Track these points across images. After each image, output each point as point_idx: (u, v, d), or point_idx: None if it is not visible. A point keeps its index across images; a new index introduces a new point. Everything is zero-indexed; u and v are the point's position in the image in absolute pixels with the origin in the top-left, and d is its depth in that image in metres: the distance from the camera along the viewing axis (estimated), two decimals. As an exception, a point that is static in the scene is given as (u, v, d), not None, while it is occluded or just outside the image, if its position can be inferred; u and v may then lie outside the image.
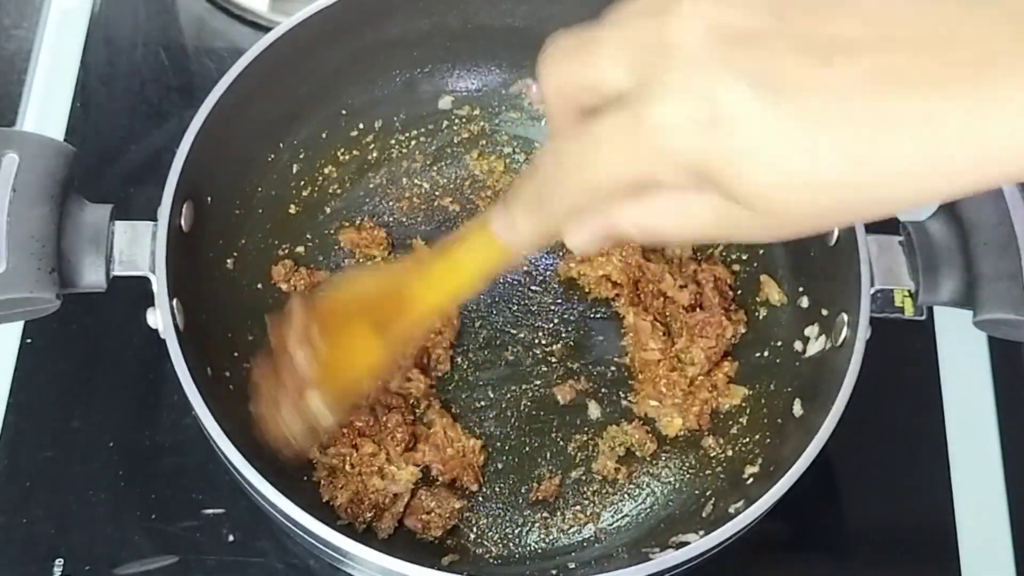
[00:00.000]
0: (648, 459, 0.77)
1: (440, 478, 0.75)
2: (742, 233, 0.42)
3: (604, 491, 0.76)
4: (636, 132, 0.40)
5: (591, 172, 0.43)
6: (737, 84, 0.37)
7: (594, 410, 0.79)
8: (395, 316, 0.63)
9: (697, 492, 0.75)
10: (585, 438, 0.78)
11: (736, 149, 0.37)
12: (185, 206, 0.68)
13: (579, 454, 0.78)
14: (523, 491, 0.76)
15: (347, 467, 0.73)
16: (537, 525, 0.75)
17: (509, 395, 0.79)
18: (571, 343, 0.81)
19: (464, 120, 0.88)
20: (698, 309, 0.78)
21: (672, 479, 0.77)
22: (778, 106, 0.37)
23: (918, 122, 0.36)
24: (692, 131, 0.38)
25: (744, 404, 0.78)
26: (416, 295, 0.61)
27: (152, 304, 0.63)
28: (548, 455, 0.78)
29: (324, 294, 0.72)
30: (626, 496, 0.76)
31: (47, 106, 0.93)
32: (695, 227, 0.43)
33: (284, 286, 0.80)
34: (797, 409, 0.72)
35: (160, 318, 0.63)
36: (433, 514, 0.73)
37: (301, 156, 0.83)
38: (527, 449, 0.78)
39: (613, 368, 0.80)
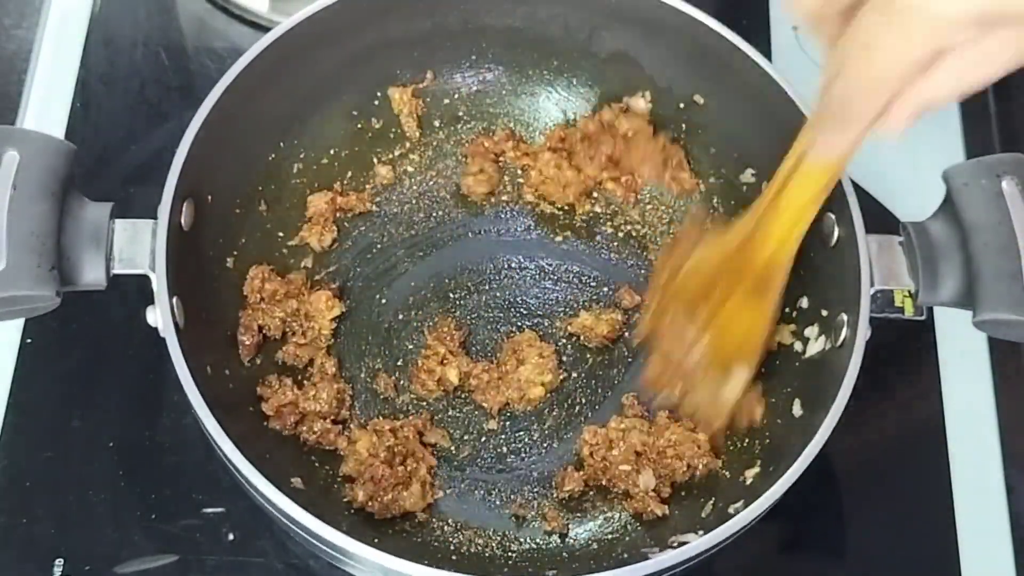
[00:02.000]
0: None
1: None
2: None
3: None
4: (902, 14, 0.41)
5: (880, 68, 0.44)
6: None
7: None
8: (752, 270, 0.68)
9: (697, 492, 0.75)
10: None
11: None
12: (185, 205, 0.68)
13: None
14: (525, 491, 0.76)
15: None
16: (537, 528, 0.75)
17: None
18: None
19: (464, 120, 0.88)
20: None
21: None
22: None
23: None
24: None
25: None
26: (763, 242, 0.66)
27: (152, 303, 0.63)
28: (549, 454, 0.78)
29: (667, 288, 0.75)
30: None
31: (47, 106, 0.93)
32: (998, 67, 0.45)
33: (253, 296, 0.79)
34: (797, 409, 0.72)
35: (160, 316, 0.63)
36: None
37: (301, 156, 0.83)
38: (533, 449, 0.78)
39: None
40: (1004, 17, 0.41)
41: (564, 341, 0.81)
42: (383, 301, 0.82)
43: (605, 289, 0.83)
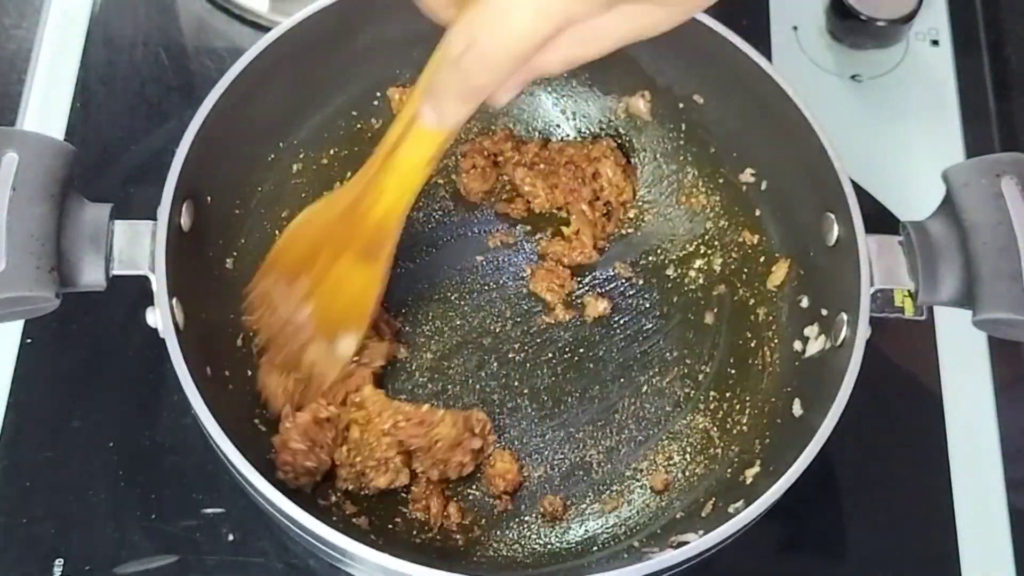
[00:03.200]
0: (649, 459, 0.78)
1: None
2: (651, 28, 0.48)
3: (604, 491, 0.77)
4: None
5: (516, 43, 0.45)
6: None
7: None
8: (362, 233, 0.66)
9: (697, 492, 0.75)
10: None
11: None
12: (185, 205, 0.68)
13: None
14: (524, 491, 0.77)
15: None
16: (537, 527, 0.75)
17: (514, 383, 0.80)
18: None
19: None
20: None
21: (672, 478, 0.77)
22: None
23: None
24: None
25: (744, 404, 0.78)
26: (371, 207, 0.64)
27: (152, 303, 0.63)
28: (550, 454, 0.78)
29: (278, 246, 0.74)
30: (626, 496, 0.76)
31: (47, 106, 0.93)
32: (614, 40, 0.47)
33: None
34: (797, 409, 0.72)
35: (160, 317, 0.63)
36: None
37: (301, 156, 0.83)
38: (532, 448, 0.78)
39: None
40: None
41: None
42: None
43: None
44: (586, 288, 0.84)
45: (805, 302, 0.76)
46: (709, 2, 0.49)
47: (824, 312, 0.73)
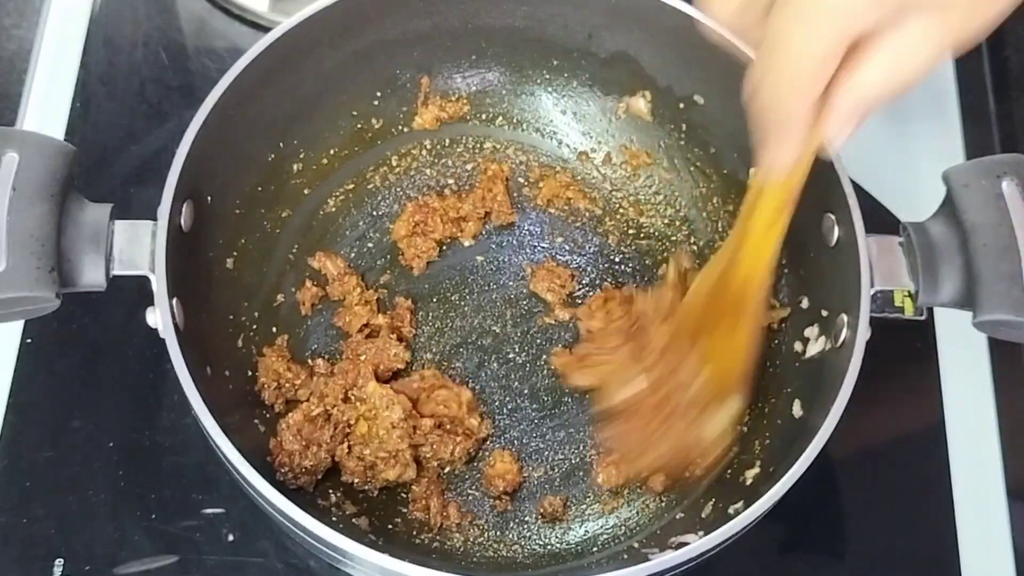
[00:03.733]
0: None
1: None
2: (961, 37, 0.45)
3: (604, 492, 0.77)
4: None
5: (802, 54, 0.44)
6: None
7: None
8: (733, 297, 0.68)
9: (696, 493, 0.75)
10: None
11: None
12: (185, 206, 0.68)
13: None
14: (524, 491, 0.77)
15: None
16: (537, 528, 0.75)
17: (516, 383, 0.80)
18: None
19: (464, 120, 0.88)
20: None
21: (671, 479, 0.77)
22: None
23: None
24: None
25: (744, 406, 0.78)
26: (739, 267, 0.66)
27: (152, 304, 0.63)
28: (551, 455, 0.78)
29: (680, 311, 0.75)
30: (626, 497, 0.76)
31: (47, 106, 0.93)
32: (925, 55, 0.45)
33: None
34: (797, 410, 0.72)
35: (160, 318, 0.63)
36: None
37: (301, 156, 0.83)
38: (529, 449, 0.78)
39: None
40: None
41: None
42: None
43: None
44: (586, 288, 0.84)
45: (805, 303, 0.76)
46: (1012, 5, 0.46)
47: (824, 313, 0.73)
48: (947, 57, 0.46)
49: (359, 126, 0.86)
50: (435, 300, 0.83)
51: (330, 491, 0.74)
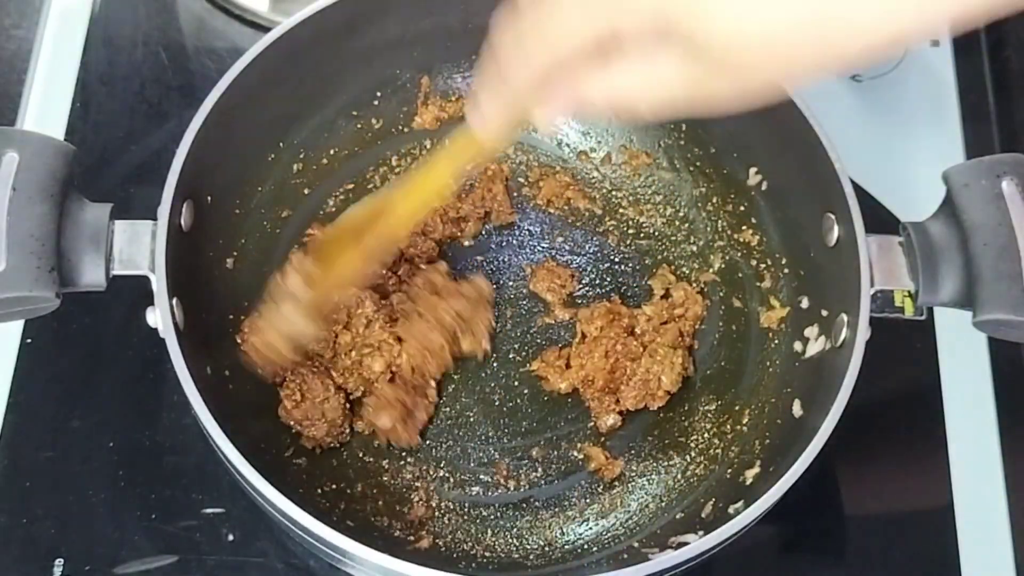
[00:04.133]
0: (649, 459, 0.78)
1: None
2: (708, 97, 0.42)
3: (604, 492, 0.77)
4: None
5: (552, 33, 0.43)
6: None
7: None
8: (380, 228, 0.66)
9: (696, 493, 0.75)
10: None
11: None
12: (185, 205, 0.68)
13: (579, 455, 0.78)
14: (523, 492, 0.77)
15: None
16: (538, 528, 0.75)
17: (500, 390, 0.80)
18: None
19: (464, 120, 0.88)
20: None
21: (672, 479, 0.77)
22: None
23: None
24: None
25: (744, 405, 0.78)
26: (397, 203, 0.64)
27: (152, 303, 0.63)
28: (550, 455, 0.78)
29: (322, 232, 0.75)
30: (626, 497, 0.76)
31: (47, 106, 0.93)
32: (662, 91, 0.43)
33: None
34: (797, 410, 0.72)
35: (160, 317, 0.63)
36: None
37: (301, 156, 0.83)
38: (527, 450, 0.78)
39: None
40: (672, 21, 0.39)
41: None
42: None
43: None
44: (586, 288, 0.84)
45: (805, 303, 0.76)
46: (784, 78, 0.43)
47: (824, 313, 0.73)
48: (683, 104, 0.44)
49: (359, 126, 0.86)
50: (435, 300, 0.83)
51: (330, 491, 0.74)
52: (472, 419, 0.79)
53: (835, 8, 0.37)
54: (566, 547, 0.75)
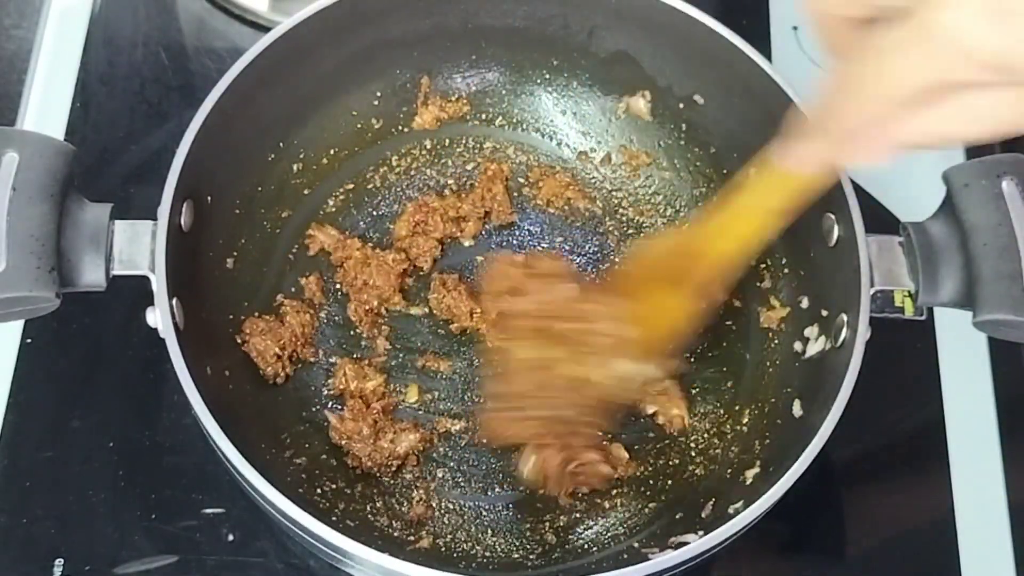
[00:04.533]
0: (649, 459, 0.78)
1: None
2: None
3: (604, 492, 0.77)
4: (930, 36, 0.40)
5: (888, 83, 0.43)
6: None
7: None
8: (697, 270, 0.66)
9: (696, 493, 0.75)
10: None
11: None
12: (185, 205, 0.68)
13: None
14: (523, 492, 0.76)
15: None
16: (538, 528, 0.75)
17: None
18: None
19: (464, 120, 0.88)
20: None
21: (672, 479, 0.77)
22: None
23: None
24: (988, 25, 0.39)
25: (744, 405, 0.78)
26: (714, 245, 0.65)
27: (152, 303, 0.63)
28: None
29: (615, 270, 0.75)
30: (626, 497, 0.76)
31: (47, 106, 0.93)
32: (989, 124, 0.44)
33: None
34: (797, 410, 0.72)
35: (160, 317, 0.63)
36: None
37: (301, 156, 0.83)
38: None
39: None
40: (1012, 69, 0.40)
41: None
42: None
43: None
44: (586, 288, 0.84)
45: (805, 303, 0.76)
46: None
47: (824, 313, 0.73)
48: (1010, 129, 0.45)
49: (359, 126, 0.86)
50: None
51: (330, 491, 0.74)
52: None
53: None
54: (566, 547, 0.75)
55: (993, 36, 0.39)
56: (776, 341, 0.78)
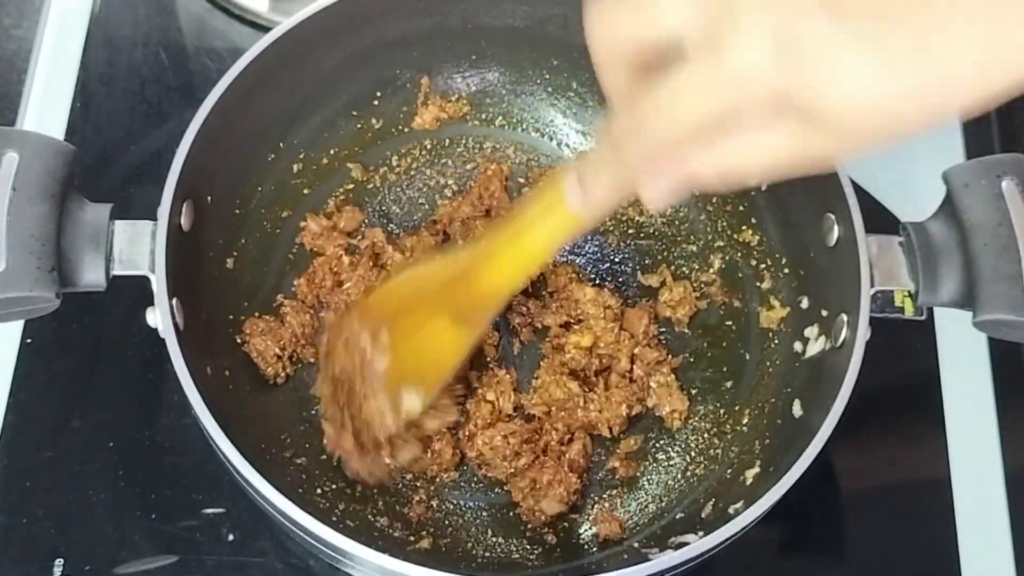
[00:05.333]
0: (649, 459, 0.78)
1: None
2: (814, 158, 0.44)
3: (604, 492, 0.77)
4: (718, 75, 0.41)
5: (675, 121, 0.43)
6: (811, 9, 0.39)
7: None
8: (465, 300, 0.65)
9: (697, 493, 0.75)
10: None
11: (816, 71, 0.39)
12: (185, 205, 0.68)
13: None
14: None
15: None
16: (538, 528, 0.75)
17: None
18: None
19: (464, 120, 0.88)
20: None
21: (672, 479, 0.77)
22: (849, 25, 0.39)
23: (971, 36, 0.38)
24: (774, 62, 0.40)
25: (744, 405, 0.78)
26: (484, 275, 0.63)
27: (152, 303, 0.63)
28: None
29: (375, 294, 0.73)
30: (626, 497, 0.76)
31: (47, 106, 0.93)
32: (771, 160, 0.44)
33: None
34: (797, 410, 0.72)
35: (160, 318, 0.63)
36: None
37: (301, 156, 0.83)
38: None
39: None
40: (793, 97, 0.40)
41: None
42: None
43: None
44: (586, 288, 0.84)
45: (805, 303, 0.76)
46: (885, 139, 0.43)
47: (824, 313, 0.73)
48: (790, 167, 0.45)
49: (359, 126, 0.86)
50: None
51: (330, 491, 0.74)
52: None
53: (942, 69, 0.39)
54: (566, 547, 0.75)
55: (776, 70, 0.40)
56: (776, 341, 0.78)
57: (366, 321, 0.69)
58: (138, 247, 0.64)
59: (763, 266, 0.80)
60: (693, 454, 0.78)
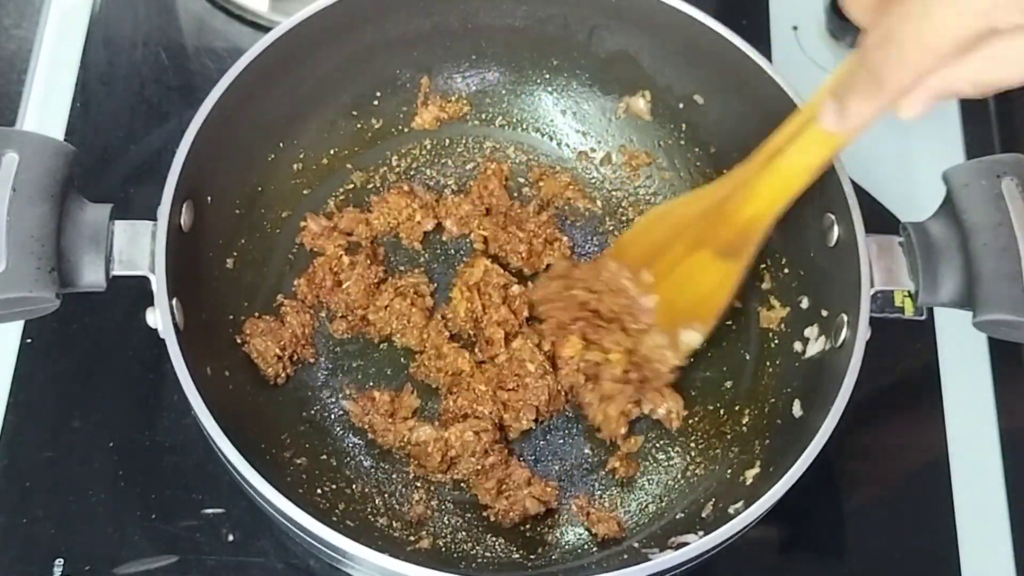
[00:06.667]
0: (649, 459, 0.78)
1: None
2: None
3: (604, 492, 0.77)
4: None
5: (932, 35, 0.44)
6: None
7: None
8: (725, 232, 0.67)
9: (697, 493, 0.75)
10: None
11: None
12: (185, 206, 0.68)
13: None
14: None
15: None
16: (538, 528, 0.75)
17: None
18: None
19: (464, 120, 0.88)
20: None
21: (672, 479, 0.77)
22: None
23: None
24: None
25: (744, 405, 0.78)
26: (742, 204, 0.65)
27: (152, 304, 0.63)
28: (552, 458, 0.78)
29: (625, 236, 0.75)
30: (626, 497, 0.76)
31: (47, 106, 0.93)
32: (1020, 70, 0.45)
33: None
34: (797, 410, 0.72)
35: (159, 318, 0.63)
36: None
37: (301, 156, 0.83)
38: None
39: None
40: None
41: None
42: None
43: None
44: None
45: (805, 303, 0.76)
46: None
47: (824, 313, 0.73)
48: None
49: (359, 126, 0.86)
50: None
51: (330, 491, 0.74)
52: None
53: None
54: (566, 547, 0.75)
55: None
56: (776, 341, 0.78)
57: (624, 262, 0.70)
58: (138, 247, 0.64)
59: (763, 266, 0.80)
60: (693, 454, 0.78)
